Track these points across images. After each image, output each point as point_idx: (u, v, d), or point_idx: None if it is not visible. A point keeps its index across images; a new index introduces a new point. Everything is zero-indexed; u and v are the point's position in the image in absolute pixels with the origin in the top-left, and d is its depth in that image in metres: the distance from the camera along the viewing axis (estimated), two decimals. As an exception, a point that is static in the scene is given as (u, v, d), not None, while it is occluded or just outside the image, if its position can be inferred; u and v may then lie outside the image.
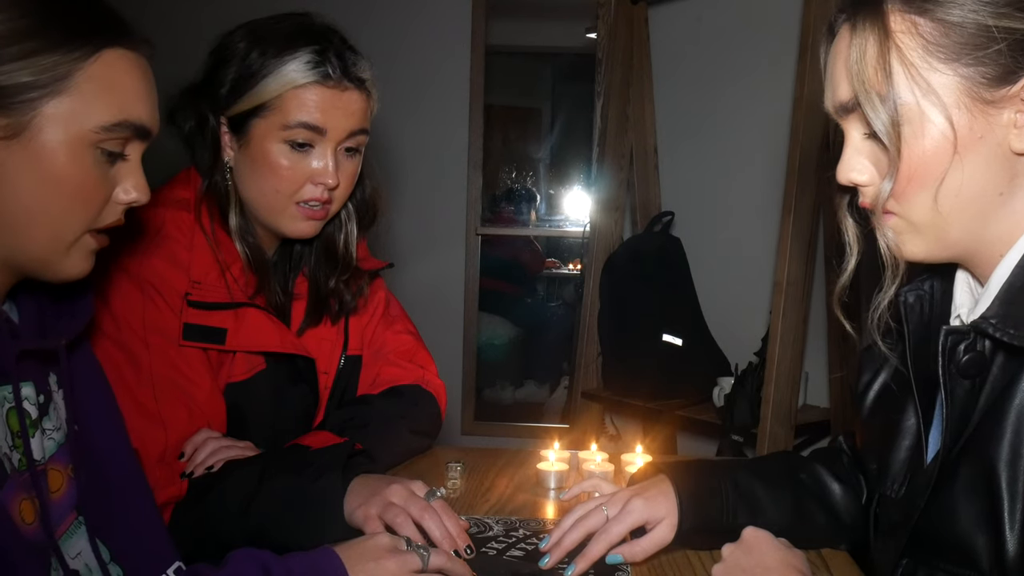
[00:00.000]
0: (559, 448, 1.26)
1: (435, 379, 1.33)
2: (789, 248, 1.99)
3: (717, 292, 2.60)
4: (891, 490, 0.87)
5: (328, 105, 1.10)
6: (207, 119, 1.13)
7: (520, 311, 4.52)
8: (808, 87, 1.99)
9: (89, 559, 0.80)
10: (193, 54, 1.17)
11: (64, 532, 0.79)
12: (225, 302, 1.11)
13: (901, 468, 0.87)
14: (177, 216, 1.13)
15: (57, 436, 0.80)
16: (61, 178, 0.71)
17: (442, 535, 0.92)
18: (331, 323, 1.27)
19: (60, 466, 0.79)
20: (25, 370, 0.76)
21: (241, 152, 1.13)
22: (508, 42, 4.33)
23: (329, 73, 1.09)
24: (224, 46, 1.13)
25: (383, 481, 0.99)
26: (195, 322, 1.08)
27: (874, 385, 0.94)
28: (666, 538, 0.93)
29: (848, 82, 0.76)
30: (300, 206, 1.14)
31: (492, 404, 4.02)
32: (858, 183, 0.80)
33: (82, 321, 0.82)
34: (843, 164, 0.80)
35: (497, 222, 4.44)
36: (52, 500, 0.77)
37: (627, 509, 0.93)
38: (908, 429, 0.87)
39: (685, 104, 2.78)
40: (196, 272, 1.11)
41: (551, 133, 5.24)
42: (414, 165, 3.18)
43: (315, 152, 1.12)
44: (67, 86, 0.69)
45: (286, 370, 1.20)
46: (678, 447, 2.72)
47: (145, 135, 0.77)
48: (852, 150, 0.79)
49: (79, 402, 0.82)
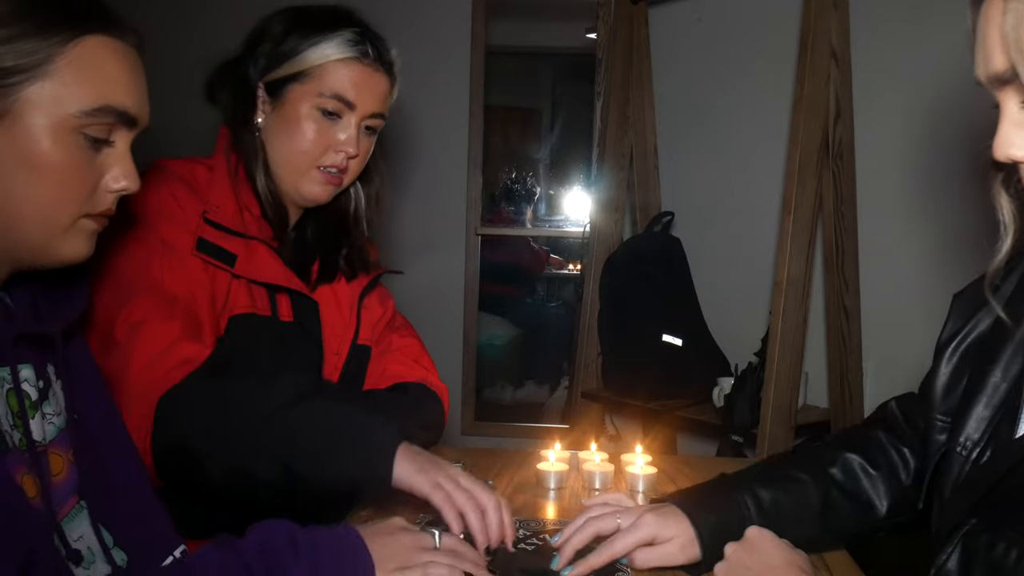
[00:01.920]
0: (559, 448, 1.26)
1: (438, 382, 1.34)
2: (789, 248, 1.99)
3: (717, 292, 2.60)
4: (963, 447, 0.84)
5: (361, 82, 1.20)
6: (245, 81, 1.21)
7: (520, 311, 4.53)
8: (808, 87, 1.99)
9: (92, 542, 0.81)
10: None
11: (66, 515, 0.79)
12: (239, 231, 1.17)
13: (981, 426, 0.83)
14: (194, 167, 1.22)
15: (57, 421, 0.80)
16: (45, 163, 0.72)
17: (495, 535, 0.93)
18: (346, 284, 1.32)
19: (61, 451, 0.80)
20: (22, 353, 0.77)
21: (274, 114, 1.21)
22: (508, 42, 4.33)
23: (368, 52, 1.20)
24: (264, 26, 1.22)
25: (436, 458, 0.98)
26: (210, 239, 1.14)
27: (962, 335, 0.91)
28: (674, 557, 0.91)
29: (1003, 51, 0.69)
30: (320, 170, 1.22)
31: (492, 404, 4.02)
32: (1017, 159, 0.73)
33: (77, 310, 0.83)
34: (1001, 139, 0.73)
35: (497, 222, 4.43)
36: (53, 483, 0.78)
37: (637, 523, 0.92)
38: (994, 386, 0.83)
39: (685, 104, 2.78)
40: (215, 199, 1.18)
41: (551, 133, 5.24)
42: (414, 165, 3.18)
43: (341, 123, 1.21)
44: (47, 71, 0.70)
45: (294, 328, 1.23)
46: (678, 447, 2.72)
47: (130, 122, 0.77)
48: (1010, 124, 0.73)
49: (76, 391, 0.83)
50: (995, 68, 0.71)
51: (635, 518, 0.93)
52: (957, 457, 0.84)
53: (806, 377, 2.22)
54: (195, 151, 1.27)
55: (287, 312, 1.23)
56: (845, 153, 2.13)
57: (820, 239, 2.18)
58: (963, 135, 2.01)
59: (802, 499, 0.97)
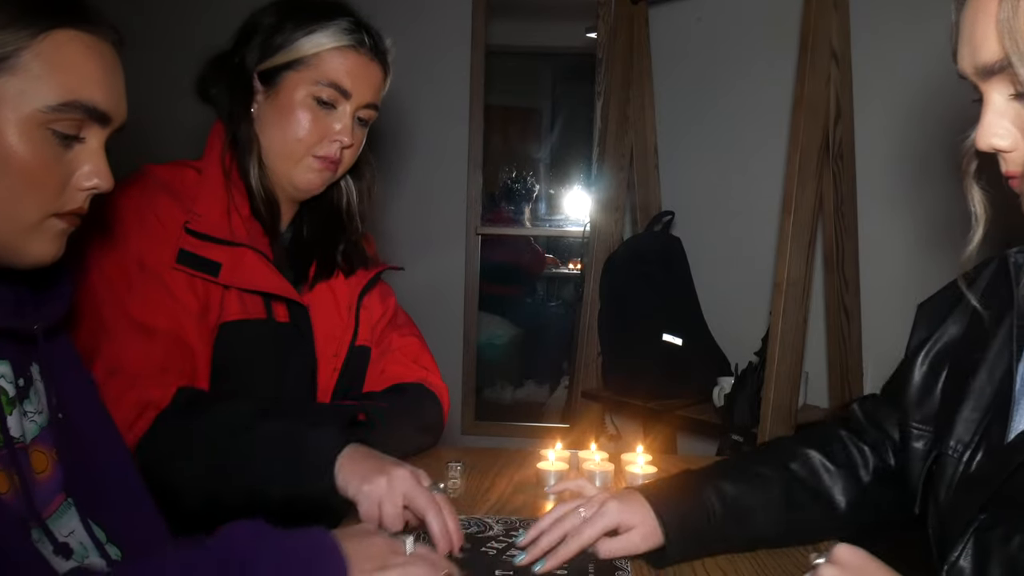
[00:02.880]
0: (559, 448, 1.26)
1: (438, 381, 1.33)
2: (789, 248, 1.99)
3: (717, 292, 2.60)
4: (954, 450, 0.85)
5: (357, 71, 1.19)
6: (240, 72, 1.20)
7: (520, 311, 4.53)
8: (808, 87, 1.99)
9: (83, 538, 0.80)
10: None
11: (53, 512, 0.79)
12: (222, 238, 1.15)
13: (970, 428, 0.84)
14: (182, 171, 1.20)
15: (40, 419, 0.80)
16: (10, 158, 0.70)
17: (441, 533, 0.92)
18: (344, 282, 1.31)
19: (44, 448, 0.80)
20: (0, 350, 0.76)
21: (268, 102, 1.20)
22: (508, 42, 4.33)
23: (364, 40, 1.20)
24: (256, 19, 1.21)
25: (386, 460, 0.99)
26: (191, 250, 1.13)
27: (931, 343, 0.92)
28: (636, 546, 0.93)
29: (998, 40, 0.70)
30: (314, 157, 1.21)
31: (492, 404, 4.02)
32: (1001, 148, 0.75)
33: (60, 308, 0.82)
34: (984, 129, 0.75)
35: (497, 222, 4.43)
36: (38, 480, 0.78)
37: (601, 512, 0.93)
38: (980, 391, 0.85)
39: (685, 104, 2.78)
40: (200, 207, 1.16)
41: (551, 133, 5.24)
42: (414, 165, 3.18)
43: (336, 113, 1.20)
44: (12, 65, 0.70)
45: (289, 329, 1.22)
46: (678, 447, 2.72)
47: (101, 119, 0.76)
48: (994, 114, 0.74)
49: (60, 390, 0.82)
50: (983, 59, 0.72)
51: (598, 506, 0.94)
52: (950, 460, 0.85)
53: (806, 377, 2.22)
54: (187, 149, 1.26)
55: (283, 313, 1.22)
56: (845, 153, 2.13)
57: (820, 239, 2.18)
58: (963, 135, 2.01)
59: (765, 493, 0.98)
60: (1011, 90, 0.73)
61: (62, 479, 0.81)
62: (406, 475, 0.95)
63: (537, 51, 4.85)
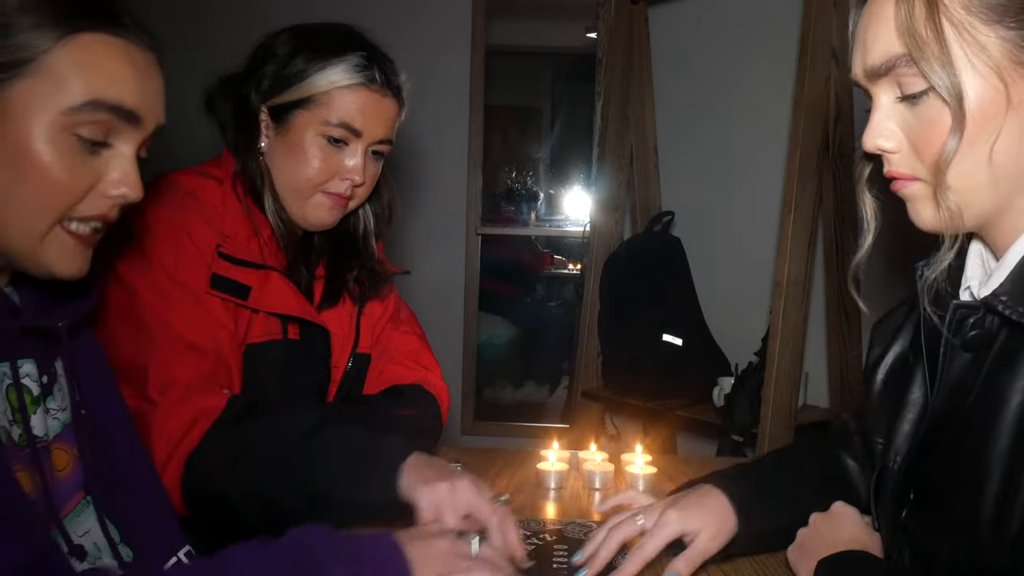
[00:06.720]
0: (559, 448, 1.26)
1: (438, 381, 1.32)
2: (789, 248, 1.99)
3: (717, 292, 2.60)
4: (894, 461, 0.86)
5: (369, 109, 1.17)
6: (247, 105, 1.18)
7: (520, 311, 4.52)
8: (808, 87, 1.99)
9: (98, 538, 0.80)
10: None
11: (71, 510, 0.79)
12: (253, 261, 1.15)
13: (905, 440, 0.85)
14: (207, 184, 1.18)
15: (62, 416, 0.80)
16: (32, 165, 0.69)
17: (504, 546, 0.90)
18: (351, 303, 1.30)
19: (66, 446, 0.80)
20: (25, 348, 0.76)
21: (278, 139, 1.18)
22: (508, 42, 4.33)
23: (375, 77, 1.17)
24: (269, 45, 1.19)
25: (449, 469, 0.98)
26: (223, 274, 1.12)
27: (884, 360, 0.93)
28: (708, 549, 0.89)
29: (900, 39, 0.72)
30: (325, 194, 1.19)
31: (492, 404, 4.02)
32: (886, 150, 0.77)
33: (86, 306, 0.81)
34: (871, 130, 0.76)
35: (497, 222, 4.43)
36: (58, 478, 0.78)
37: (662, 522, 0.89)
38: (915, 402, 0.86)
39: (685, 104, 2.78)
40: (228, 227, 1.15)
41: (551, 133, 5.24)
42: (414, 165, 3.18)
43: (348, 150, 1.18)
44: (36, 69, 0.69)
45: (301, 347, 1.22)
46: (678, 447, 2.71)
47: (130, 119, 0.74)
48: (881, 115, 0.76)
49: (84, 387, 0.82)
50: (872, 61, 0.75)
51: (657, 516, 0.90)
52: (890, 471, 0.87)
53: (806, 377, 2.22)
54: (201, 155, 1.24)
55: (294, 331, 1.22)
56: (845, 153, 2.13)
57: (820, 239, 2.18)
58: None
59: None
60: (897, 92, 0.75)
61: (81, 477, 0.81)
62: (469, 485, 0.94)
63: (537, 51, 4.84)
